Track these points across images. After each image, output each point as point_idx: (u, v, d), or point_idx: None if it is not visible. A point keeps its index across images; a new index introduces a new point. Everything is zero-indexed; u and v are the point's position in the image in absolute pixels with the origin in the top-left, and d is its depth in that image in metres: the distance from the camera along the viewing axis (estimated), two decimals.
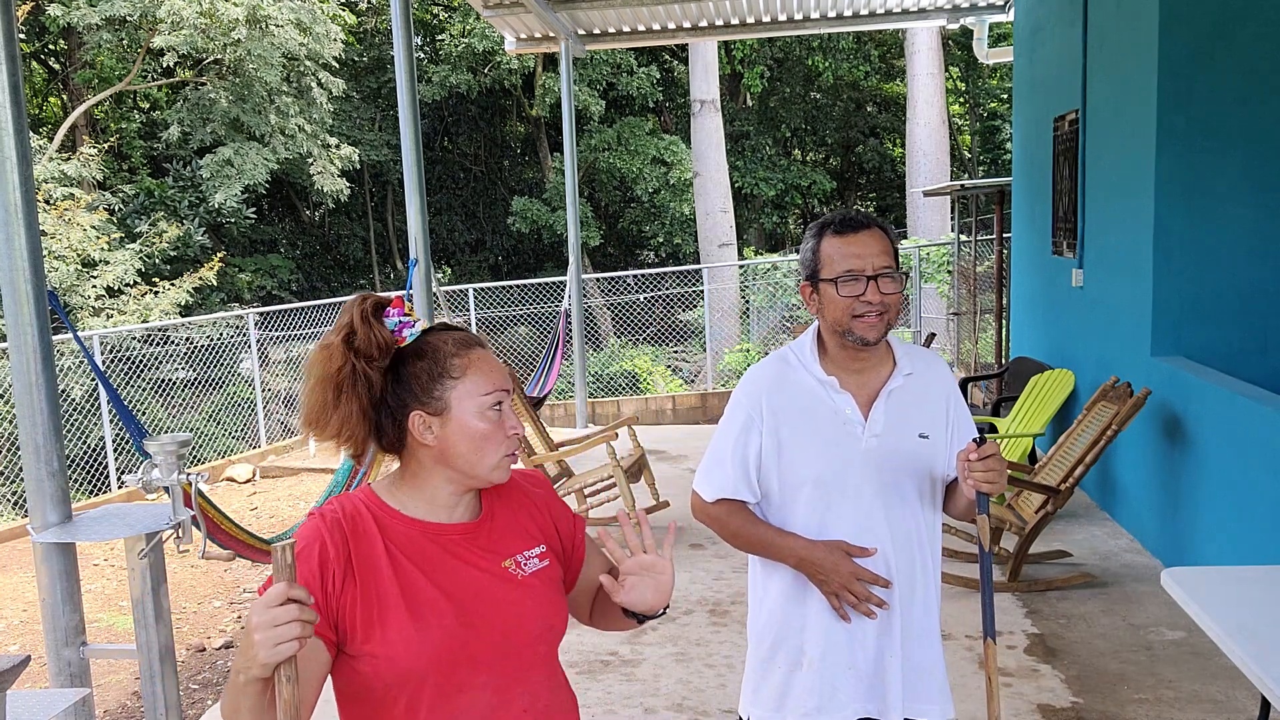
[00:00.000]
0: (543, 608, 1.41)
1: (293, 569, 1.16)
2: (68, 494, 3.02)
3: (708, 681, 3.58)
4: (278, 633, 1.12)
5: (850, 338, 1.81)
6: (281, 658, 1.13)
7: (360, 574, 1.32)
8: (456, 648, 1.32)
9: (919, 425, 1.89)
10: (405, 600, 1.31)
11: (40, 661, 4.16)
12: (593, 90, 17.53)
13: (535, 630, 1.39)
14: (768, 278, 14.62)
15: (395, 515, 1.38)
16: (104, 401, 9.45)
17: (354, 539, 1.33)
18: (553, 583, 1.45)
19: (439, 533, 1.38)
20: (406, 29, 5.24)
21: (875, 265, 1.79)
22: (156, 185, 15.44)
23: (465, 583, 1.36)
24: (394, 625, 1.30)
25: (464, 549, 1.38)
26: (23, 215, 2.91)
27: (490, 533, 1.42)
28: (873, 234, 1.81)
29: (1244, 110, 4.45)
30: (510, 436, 1.40)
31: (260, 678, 1.15)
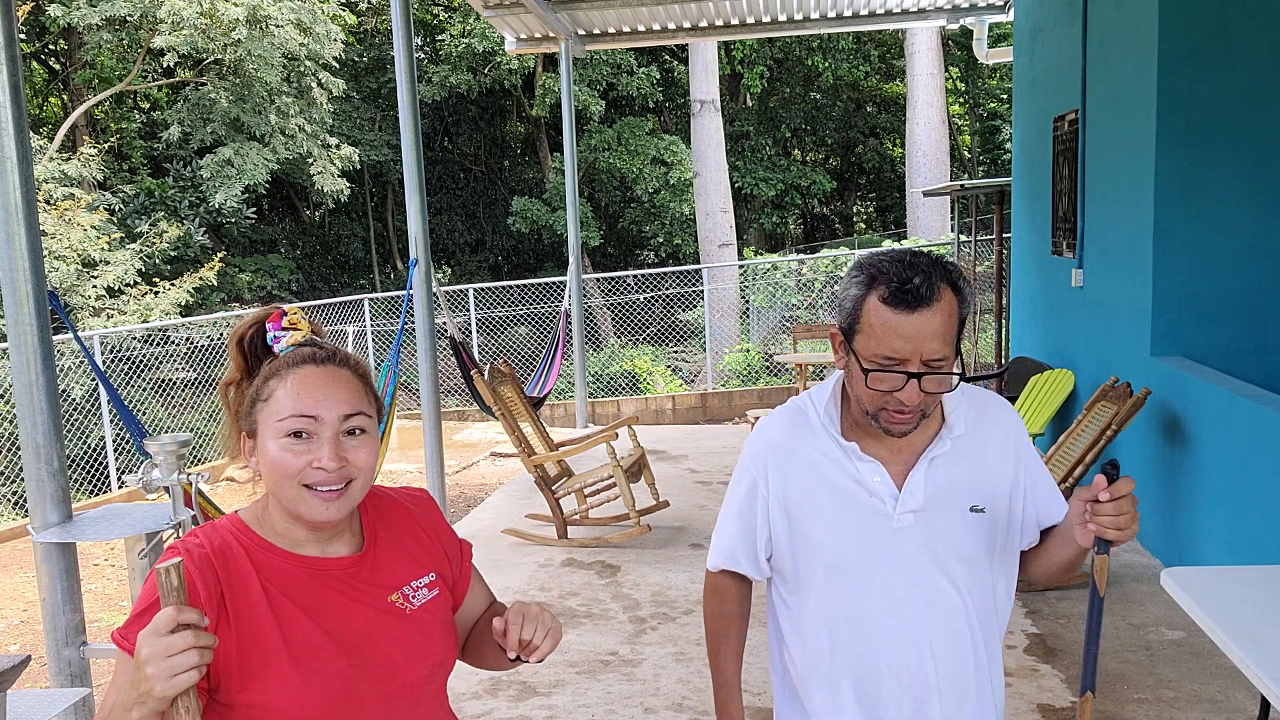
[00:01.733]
0: (433, 643, 1.31)
1: (181, 591, 1.06)
2: (68, 494, 3.02)
3: (708, 681, 3.57)
4: (173, 663, 1.02)
5: (875, 424, 1.47)
6: (180, 689, 1.04)
7: (235, 616, 1.19)
8: (344, 693, 1.21)
9: (972, 496, 1.52)
10: (287, 645, 1.20)
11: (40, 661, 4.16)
12: (593, 90, 17.53)
13: (426, 668, 1.29)
14: (767, 278, 14.62)
15: (268, 548, 1.25)
16: (104, 401, 9.45)
17: (226, 576, 1.20)
18: (443, 614, 1.34)
19: (318, 567, 1.26)
20: (406, 29, 5.24)
21: (924, 357, 1.39)
22: (157, 185, 15.44)
23: (350, 622, 1.24)
24: (275, 673, 1.18)
25: (347, 584, 1.26)
26: (23, 215, 2.91)
27: (374, 563, 1.30)
28: (932, 315, 1.38)
29: (1244, 110, 4.45)
30: (312, 469, 1.20)
31: (156, 712, 1.06)
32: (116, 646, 1.17)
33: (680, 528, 5.51)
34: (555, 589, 4.58)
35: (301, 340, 1.28)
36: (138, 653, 1.05)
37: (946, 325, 1.40)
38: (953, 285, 1.40)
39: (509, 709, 3.40)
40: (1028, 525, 1.57)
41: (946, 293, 1.40)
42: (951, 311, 1.40)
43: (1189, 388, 4.29)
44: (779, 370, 12.92)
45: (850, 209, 24.41)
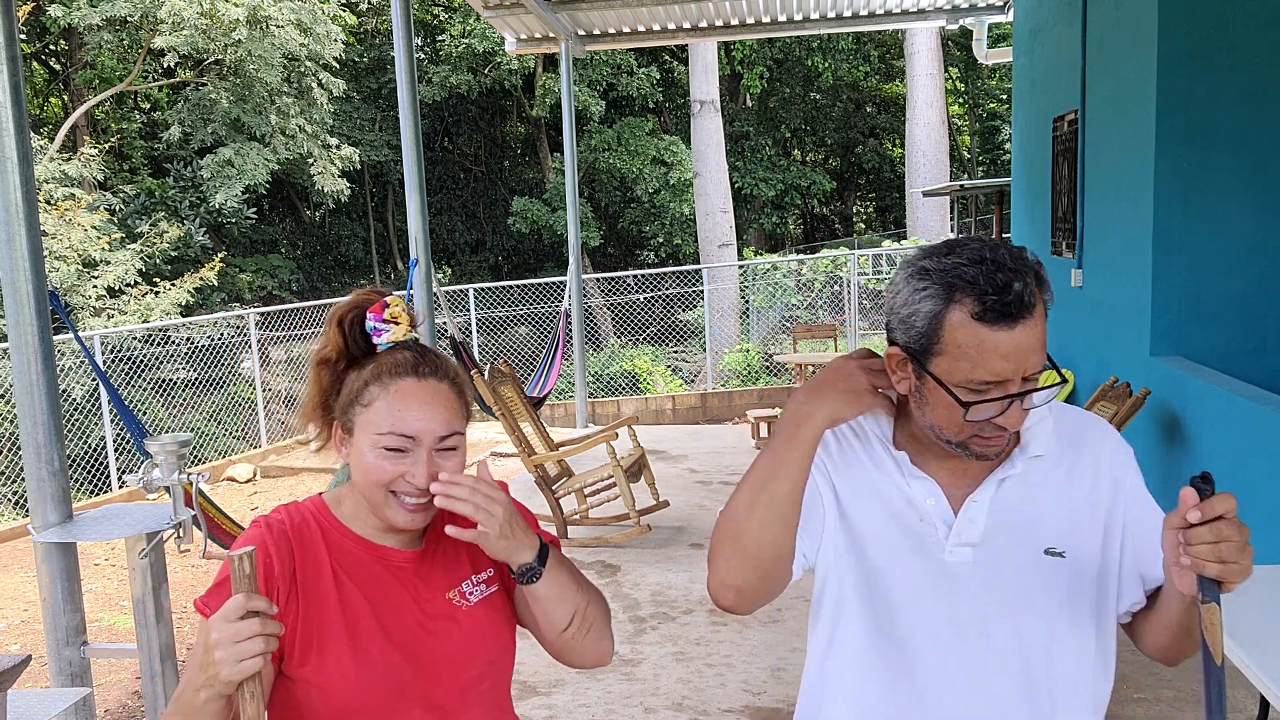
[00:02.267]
0: (486, 643, 1.31)
1: (252, 579, 1.11)
2: (68, 494, 3.03)
3: (708, 681, 3.58)
4: (241, 648, 1.06)
5: (960, 450, 1.20)
6: (246, 674, 1.08)
7: (304, 593, 1.23)
8: (393, 684, 1.24)
9: (1048, 534, 1.22)
10: (347, 629, 1.23)
11: (41, 661, 4.17)
12: (593, 91, 17.54)
13: (476, 668, 1.30)
14: (767, 278, 14.63)
15: (344, 532, 1.29)
16: (105, 401, 9.45)
17: (300, 554, 1.25)
18: (499, 612, 1.33)
19: (387, 557, 1.29)
20: (407, 29, 5.25)
21: (1027, 372, 1.14)
22: (157, 185, 15.45)
23: (406, 615, 1.27)
24: (332, 655, 1.22)
25: (409, 578, 1.29)
26: (23, 215, 2.91)
27: (435, 559, 1.32)
28: (1034, 323, 1.12)
29: (1244, 110, 4.45)
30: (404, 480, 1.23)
31: (223, 695, 1.10)
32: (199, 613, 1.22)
33: (680, 528, 5.51)
34: None
35: (403, 338, 1.29)
36: (207, 637, 1.09)
37: (1043, 331, 1.14)
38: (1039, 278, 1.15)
39: None
40: (1127, 580, 1.24)
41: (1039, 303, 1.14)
42: (1045, 309, 1.15)
43: (1188, 388, 4.30)
44: (779, 370, 12.92)
45: (850, 209, 24.42)
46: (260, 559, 1.21)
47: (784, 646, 3.83)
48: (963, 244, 1.17)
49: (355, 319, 1.29)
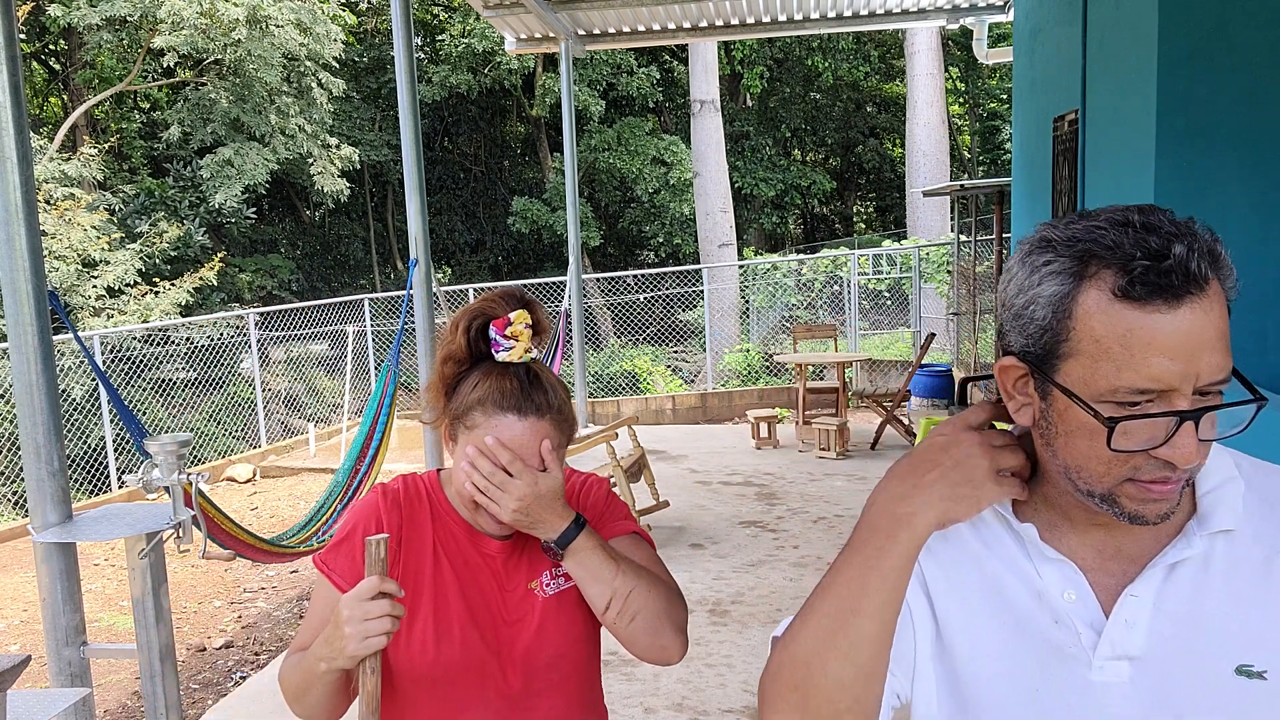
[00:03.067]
0: (557, 633, 1.34)
1: (384, 563, 1.17)
2: (68, 494, 3.02)
3: (707, 681, 3.58)
4: (368, 626, 1.14)
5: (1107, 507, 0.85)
6: (370, 651, 1.15)
7: (405, 561, 1.32)
8: (470, 664, 1.29)
9: (1241, 645, 0.86)
10: (434, 605, 1.30)
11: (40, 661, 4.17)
12: (593, 90, 17.54)
13: (548, 656, 1.33)
14: (767, 278, 14.63)
15: (450, 511, 1.37)
16: (104, 401, 9.45)
17: (409, 524, 1.34)
18: (575, 603, 1.36)
19: (480, 543, 1.36)
20: (406, 29, 5.25)
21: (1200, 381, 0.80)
22: (157, 185, 15.45)
23: (489, 600, 1.33)
24: (417, 628, 1.29)
25: (498, 566, 1.35)
26: (23, 215, 2.91)
27: (523, 550, 1.37)
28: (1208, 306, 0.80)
29: (1244, 110, 4.45)
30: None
31: (344, 668, 1.18)
32: (318, 569, 1.32)
33: (680, 528, 5.51)
34: None
35: (518, 360, 1.31)
36: (338, 613, 1.16)
37: (1223, 319, 0.81)
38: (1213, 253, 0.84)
39: None
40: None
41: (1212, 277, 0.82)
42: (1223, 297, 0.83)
43: None
44: (779, 370, 12.92)
45: (850, 209, 24.42)
46: (373, 525, 1.30)
47: None
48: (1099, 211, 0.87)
49: (480, 327, 1.33)
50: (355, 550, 1.30)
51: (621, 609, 1.31)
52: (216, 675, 5.15)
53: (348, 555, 1.31)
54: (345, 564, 1.31)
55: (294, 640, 1.34)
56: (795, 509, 5.81)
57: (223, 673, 5.17)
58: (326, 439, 10.88)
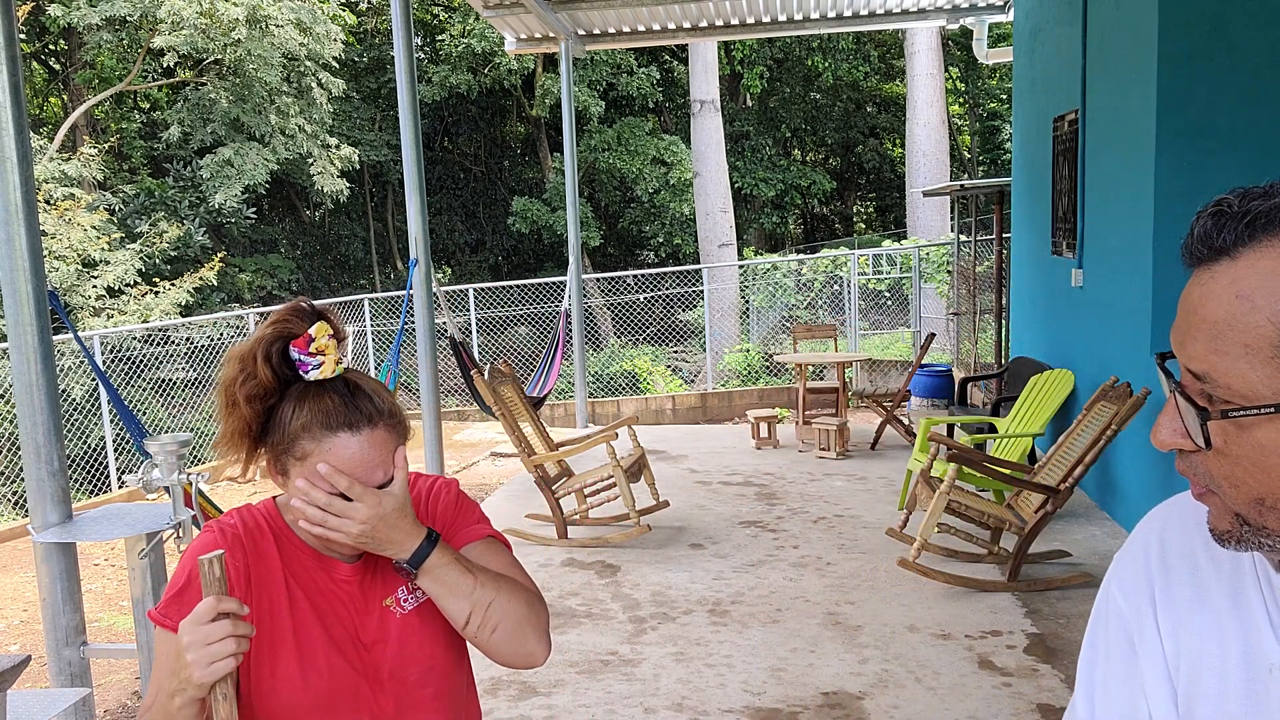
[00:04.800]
0: (422, 648, 1.30)
1: (222, 582, 1.11)
2: (68, 494, 3.03)
3: (707, 681, 3.58)
4: (212, 650, 1.08)
5: None
6: (218, 676, 1.09)
7: (256, 599, 1.24)
8: (338, 692, 1.25)
9: None
10: (295, 636, 1.24)
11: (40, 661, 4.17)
12: (592, 91, 17.54)
13: (416, 672, 1.30)
14: (767, 278, 14.63)
15: (292, 539, 1.29)
16: (104, 401, 9.45)
17: (254, 559, 1.25)
18: (435, 615, 1.31)
19: (331, 568, 1.30)
20: (406, 29, 5.24)
21: (1185, 361, 0.74)
22: (157, 185, 15.45)
23: (349, 624, 1.28)
24: (281, 663, 1.23)
25: (352, 589, 1.30)
26: (23, 215, 2.91)
27: (375, 569, 1.32)
28: (1206, 277, 0.74)
29: (1244, 110, 4.45)
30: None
31: (196, 699, 1.11)
32: (155, 624, 1.22)
33: (680, 528, 5.51)
34: (555, 589, 4.58)
35: (331, 374, 1.23)
36: (179, 639, 1.10)
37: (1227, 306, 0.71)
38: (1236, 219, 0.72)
39: (509, 709, 3.40)
40: None
41: None
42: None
43: None
44: (779, 370, 12.93)
45: (850, 209, 24.42)
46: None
47: (784, 646, 3.83)
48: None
49: (280, 351, 1.22)
50: (196, 598, 1.16)
51: (482, 622, 1.27)
52: None
53: (189, 603, 1.16)
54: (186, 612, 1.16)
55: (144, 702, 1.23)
56: (795, 509, 5.81)
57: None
58: None
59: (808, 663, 3.68)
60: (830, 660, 3.70)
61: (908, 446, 7.40)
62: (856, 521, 5.51)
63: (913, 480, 5.07)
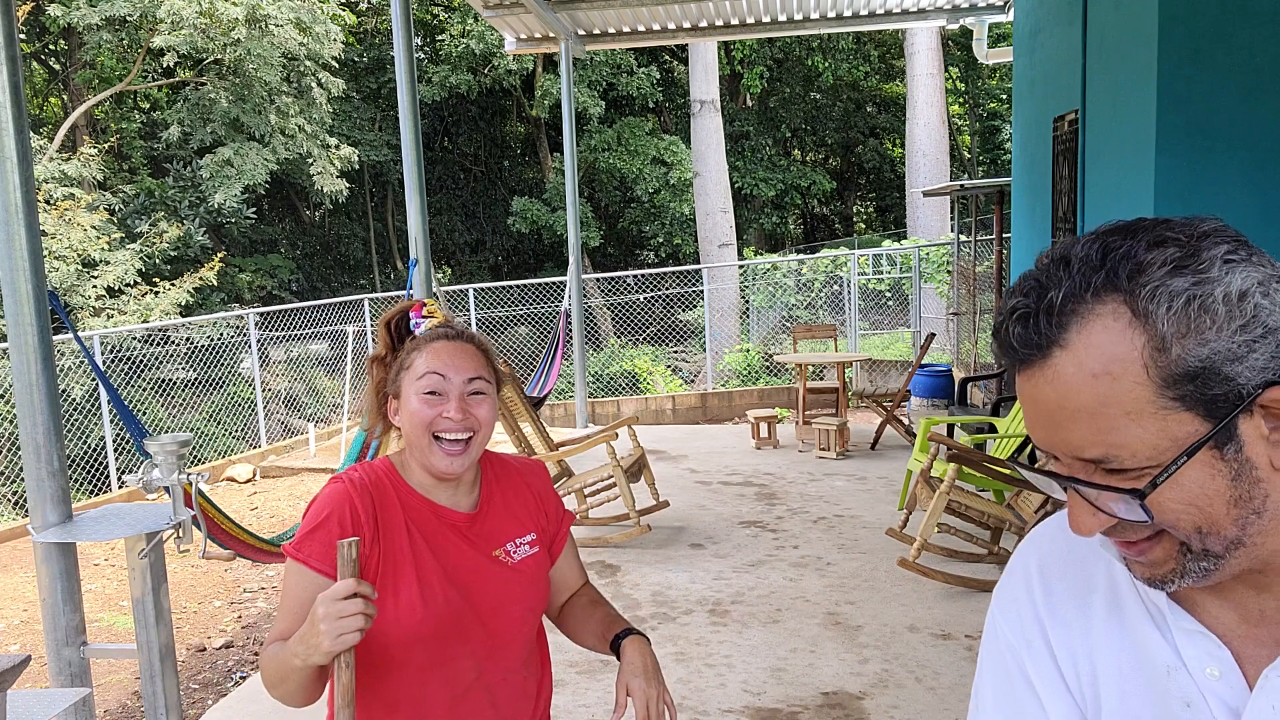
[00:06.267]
0: (528, 593, 1.53)
1: (356, 564, 1.25)
2: (68, 494, 3.02)
3: (708, 681, 3.58)
4: (342, 624, 1.22)
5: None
6: (344, 647, 1.23)
7: (384, 538, 1.43)
8: (451, 622, 1.43)
9: None
10: (417, 572, 1.43)
11: (40, 661, 4.17)
12: (592, 91, 17.53)
13: (518, 612, 1.52)
14: (767, 278, 14.63)
15: (410, 490, 1.49)
16: (104, 401, 9.45)
17: (380, 505, 1.45)
18: (540, 570, 1.57)
19: (444, 515, 1.50)
20: (406, 29, 5.25)
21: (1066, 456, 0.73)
22: (156, 185, 15.44)
23: (461, 564, 1.47)
24: (405, 593, 1.41)
25: (464, 534, 1.50)
26: (23, 215, 2.91)
27: (486, 521, 1.53)
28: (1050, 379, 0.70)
29: (1244, 110, 4.45)
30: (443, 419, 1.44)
31: (319, 665, 1.26)
32: (288, 556, 1.41)
33: (680, 528, 5.51)
34: None
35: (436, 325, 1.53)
36: (314, 611, 1.24)
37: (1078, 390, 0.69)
38: (1052, 310, 0.71)
39: None
40: None
41: None
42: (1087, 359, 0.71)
43: None
44: (779, 370, 12.92)
45: (850, 209, 24.42)
46: (347, 510, 1.40)
47: (784, 646, 3.83)
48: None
49: (401, 320, 1.54)
50: (331, 537, 1.38)
51: None
52: (216, 675, 5.14)
53: (322, 541, 1.39)
54: (320, 549, 1.39)
55: (272, 629, 1.42)
56: (795, 509, 5.81)
57: (223, 673, 5.17)
58: (326, 439, 10.88)
59: (808, 663, 3.68)
60: (830, 660, 3.70)
61: (908, 446, 7.40)
62: (856, 521, 5.51)
63: (913, 480, 5.07)
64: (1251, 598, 0.75)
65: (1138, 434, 0.67)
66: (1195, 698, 0.75)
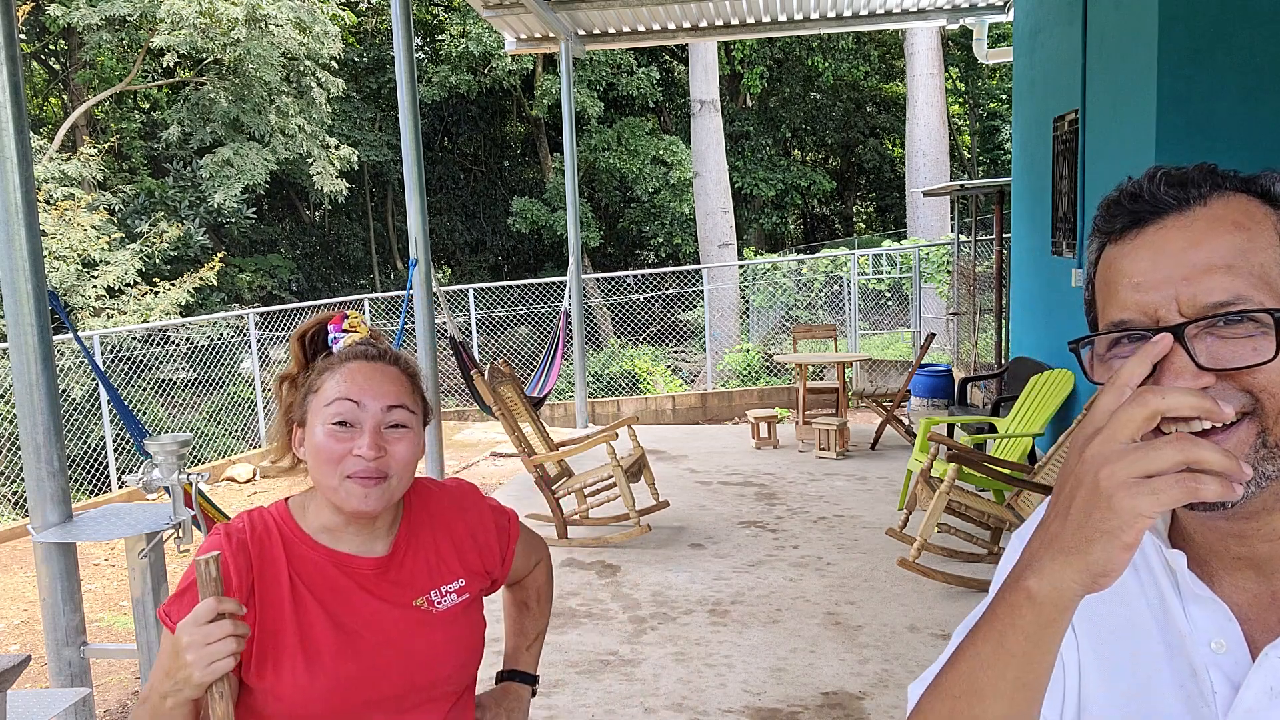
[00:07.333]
0: (456, 647, 1.33)
1: (219, 582, 1.12)
2: (68, 494, 3.02)
3: (707, 681, 3.58)
4: (211, 650, 1.09)
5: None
6: (216, 675, 1.10)
7: (260, 604, 1.24)
8: (349, 691, 1.24)
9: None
10: (300, 639, 1.23)
11: (41, 661, 4.17)
12: (592, 91, 17.54)
13: (447, 670, 1.32)
14: (767, 278, 14.63)
15: (305, 540, 1.29)
16: (104, 401, 9.45)
17: (259, 563, 1.26)
18: (470, 618, 1.36)
19: (348, 564, 1.29)
20: (406, 29, 5.25)
21: (1191, 301, 0.70)
22: (156, 185, 15.44)
23: (369, 621, 1.27)
24: (286, 664, 1.22)
25: (374, 584, 1.29)
26: (23, 215, 2.91)
27: (402, 566, 1.32)
28: (1186, 222, 0.72)
29: (1244, 110, 4.45)
30: (353, 456, 1.22)
31: (191, 699, 1.13)
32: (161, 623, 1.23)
33: (680, 528, 5.51)
34: (555, 589, 4.57)
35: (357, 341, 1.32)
36: (177, 640, 1.11)
37: (1230, 237, 0.71)
38: (1203, 176, 0.75)
39: None
40: None
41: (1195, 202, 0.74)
42: (1240, 216, 0.73)
43: None
44: (779, 370, 12.92)
45: (850, 209, 24.42)
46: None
47: (784, 646, 3.83)
48: None
49: (317, 333, 1.33)
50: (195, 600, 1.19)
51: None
52: None
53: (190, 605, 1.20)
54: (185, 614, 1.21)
55: (140, 694, 1.25)
56: (795, 509, 5.81)
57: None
58: None
59: (808, 663, 3.68)
60: (830, 660, 3.70)
61: (908, 446, 7.40)
62: (856, 521, 5.51)
63: (913, 480, 5.07)
64: (1260, 581, 0.76)
65: (1277, 274, 0.71)
66: (1200, 668, 0.75)
